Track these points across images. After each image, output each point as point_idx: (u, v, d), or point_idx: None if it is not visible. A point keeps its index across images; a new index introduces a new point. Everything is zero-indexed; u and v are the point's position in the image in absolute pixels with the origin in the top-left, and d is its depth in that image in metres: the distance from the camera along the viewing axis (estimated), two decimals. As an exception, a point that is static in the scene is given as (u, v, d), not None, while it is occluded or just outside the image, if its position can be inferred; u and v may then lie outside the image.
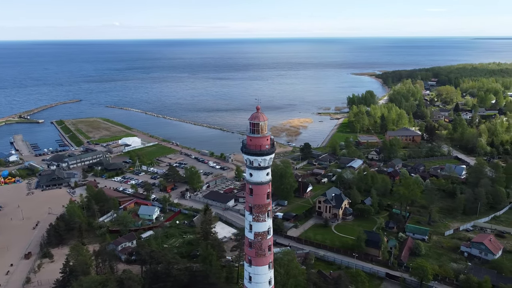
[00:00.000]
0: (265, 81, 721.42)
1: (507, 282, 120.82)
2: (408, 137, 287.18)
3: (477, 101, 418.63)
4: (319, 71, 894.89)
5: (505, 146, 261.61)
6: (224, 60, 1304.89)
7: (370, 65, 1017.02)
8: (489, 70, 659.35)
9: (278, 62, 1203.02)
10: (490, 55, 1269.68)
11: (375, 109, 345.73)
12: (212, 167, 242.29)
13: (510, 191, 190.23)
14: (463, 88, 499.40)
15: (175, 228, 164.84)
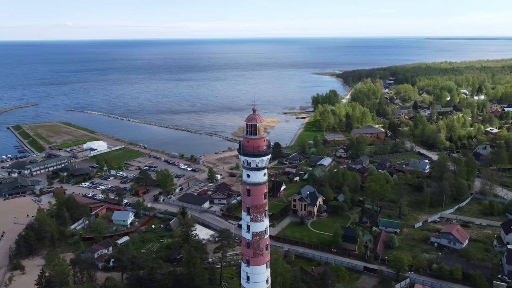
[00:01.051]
0: (228, 81, 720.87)
1: (475, 268, 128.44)
2: (373, 135, 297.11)
3: (433, 99, 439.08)
4: (281, 71, 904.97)
5: (462, 140, 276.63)
6: (185, 61, 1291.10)
7: (330, 65, 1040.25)
8: (442, 69, 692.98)
9: (240, 62, 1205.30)
10: (441, 55, 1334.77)
11: (339, 108, 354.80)
12: (183, 169, 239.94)
13: (471, 183, 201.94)
14: (419, 86, 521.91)
15: (152, 232, 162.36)
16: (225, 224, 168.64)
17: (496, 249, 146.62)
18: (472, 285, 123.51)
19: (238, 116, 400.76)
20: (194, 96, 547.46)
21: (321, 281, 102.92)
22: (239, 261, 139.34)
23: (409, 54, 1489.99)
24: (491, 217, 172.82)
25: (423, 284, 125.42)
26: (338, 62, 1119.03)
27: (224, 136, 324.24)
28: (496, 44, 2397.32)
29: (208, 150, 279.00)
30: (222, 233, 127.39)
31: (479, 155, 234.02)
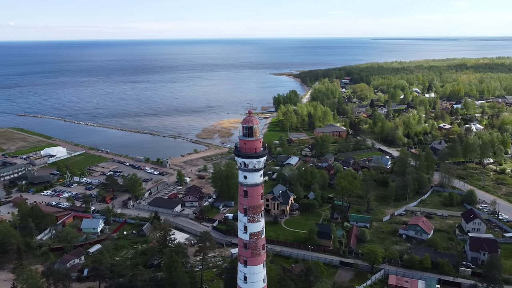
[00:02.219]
0: (186, 83, 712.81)
1: (443, 257, 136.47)
2: (335, 133, 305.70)
3: (388, 97, 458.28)
4: (239, 72, 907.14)
5: (419, 136, 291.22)
6: (140, 62, 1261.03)
7: (286, 65, 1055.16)
8: (393, 68, 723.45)
9: (196, 63, 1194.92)
10: (390, 54, 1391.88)
11: (301, 108, 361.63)
12: (150, 173, 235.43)
13: (430, 176, 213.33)
14: (374, 85, 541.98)
15: (124, 239, 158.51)
16: (199, 227, 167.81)
17: (459, 238, 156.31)
18: (440, 272, 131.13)
19: (200, 118, 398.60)
20: (153, 98, 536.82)
21: (305, 278, 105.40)
22: (217, 263, 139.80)
23: (360, 54, 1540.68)
24: (451, 207, 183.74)
25: (396, 274, 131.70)
26: (294, 63, 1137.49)
27: (189, 138, 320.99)
28: (438, 44, 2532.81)
29: (173, 153, 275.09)
30: (202, 235, 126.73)
31: (435, 150, 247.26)
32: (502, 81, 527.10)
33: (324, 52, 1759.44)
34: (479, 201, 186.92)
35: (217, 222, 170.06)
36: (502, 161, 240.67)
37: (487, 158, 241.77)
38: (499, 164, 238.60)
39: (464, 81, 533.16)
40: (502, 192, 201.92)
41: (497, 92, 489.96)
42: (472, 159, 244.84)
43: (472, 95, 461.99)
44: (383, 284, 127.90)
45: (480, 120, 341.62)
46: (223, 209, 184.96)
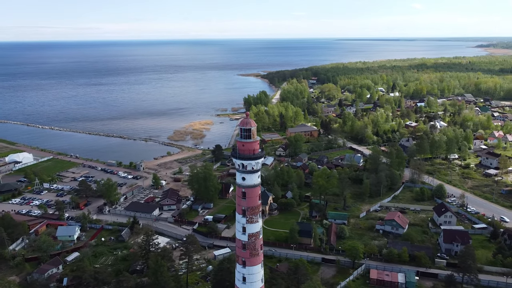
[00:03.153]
0: (153, 84, 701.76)
1: (419, 249, 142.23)
2: (307, 133, 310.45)
3: (355, 96, 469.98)
4: (206, 73, 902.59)
5: (387, 134, 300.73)
6: (102, 64, 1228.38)
7: (253, 66, 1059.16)
8: (358, 68, 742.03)
9: (162, 65, 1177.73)
10: (353, 55, 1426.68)
11: (273, 108, 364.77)
12: (124, 177, 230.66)
13: (401, 173, 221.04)
14: (341, 85, 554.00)
15: (103, 245, 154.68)
16: (179, 230, 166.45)
17: (432, 231, 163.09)
18: (418, 264, 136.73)
19: (171, 120, 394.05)
20: (120, 100, 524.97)
21: (294, 276, 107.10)
22: (201, 265, 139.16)
23: (325, 54, 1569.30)
24: (422, 202, 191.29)
25: (377, 268, 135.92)
26: (261, 63, 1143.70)
27: (160, 140, 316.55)
28: (397, 44, 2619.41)
29: (146, 156, 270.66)
30: (187, 238, 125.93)
31: (404, 147, 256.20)
32: (461, 80, 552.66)
33: (290, 53, 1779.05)
34: (448, 195, 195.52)
35: (197, 225, 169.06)
36: (466, 156, 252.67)
37: (452, 153, 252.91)
38: (464, 159, 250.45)
39: (426, 80, 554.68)
40: (468, 185, 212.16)
41: (457, 90, 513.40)
42: (438, 155, 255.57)
43: (434, 94, 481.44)
44: (365, 279, 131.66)
45: (443, 118, 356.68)
46: (202, 212, 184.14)
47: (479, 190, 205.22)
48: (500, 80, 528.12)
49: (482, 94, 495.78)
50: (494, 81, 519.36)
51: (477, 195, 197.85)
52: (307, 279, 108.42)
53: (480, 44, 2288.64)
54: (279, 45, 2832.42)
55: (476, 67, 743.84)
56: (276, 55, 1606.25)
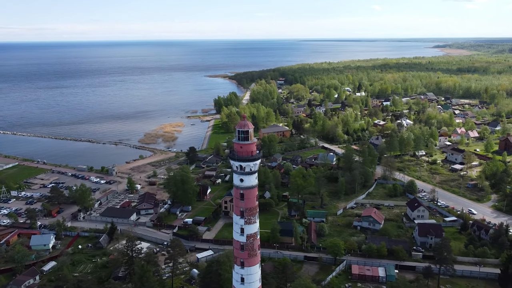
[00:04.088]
0: (118, 86, 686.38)
1: (396, 244, 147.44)
2: (279, 133, 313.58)
3: (324, 96, 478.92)
4: (173, 75, 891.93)
5: (357, 133, 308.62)
6: (63, 66, 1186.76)
7: (220, 67, 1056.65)
8: (324, 69, 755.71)
9: (126, 66, 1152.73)
10: (317, 55, 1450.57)
11: (244, 109, 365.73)
12: (96, 182, 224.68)
13: (373, 170, 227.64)
14: (309, 85, 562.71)
15: (80, 253, 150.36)
16: (159, 234, 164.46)
17: (407, 225, 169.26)
18: (396, 258, 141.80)
19: (141, 123, 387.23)
20: (85, 104, 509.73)
21: (282, 275, 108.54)
22: (184, 269, 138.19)
23: (289, 55, 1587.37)
24: (395, 198, 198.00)
25: (357, 264, 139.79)
26: (228, 64, 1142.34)
27: (131, 144, 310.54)
28: (359, 45, 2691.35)
29: (117, 160, 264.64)
30: (172, 242, 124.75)
31: (374, 146, 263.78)
32: (422, 79, 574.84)
33: (255, 54, 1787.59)
34: (419, 190, 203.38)
35: (177, 228, 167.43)
36: (433, 153, 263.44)
37: (420, 150, 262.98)
38: (431, 156, 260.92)
39: (390, 80, 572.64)
40: (436, 180, 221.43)
41: (419, 89, 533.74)
42: (407, 152, 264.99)
43: (398, 93, 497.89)
44: (347, 274, 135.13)
45: (408, 116, 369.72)
46: (180, 215, 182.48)
47: (446, 184, 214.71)
48: (458, 79, 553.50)
49: (442, 92, 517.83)
50: (453, 80, 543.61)
51: (446, 190, 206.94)
52: (295, 278, 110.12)
53: (437, 44, 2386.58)
54: (243, 46, 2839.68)
55: (435, 67, 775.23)
56: (242, 56, 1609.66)
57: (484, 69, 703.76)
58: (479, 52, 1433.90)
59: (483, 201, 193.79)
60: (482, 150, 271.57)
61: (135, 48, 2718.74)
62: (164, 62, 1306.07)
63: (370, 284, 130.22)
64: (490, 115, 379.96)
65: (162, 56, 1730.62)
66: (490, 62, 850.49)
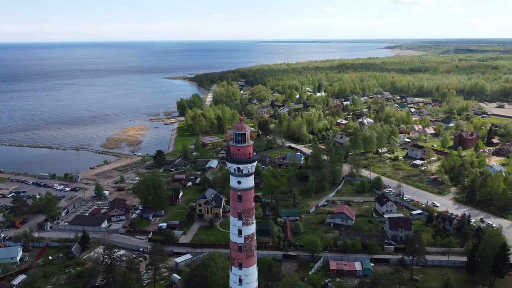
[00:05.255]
0: (73, 89, 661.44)
1: (370, 238, 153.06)
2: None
3: (286, 97, 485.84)
4: (130, 77, 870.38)
5: (322, 132, 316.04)
6: (11, 69, 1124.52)
7: (179, 69, 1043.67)
8: (283, 70, 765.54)
9: (80, 69, 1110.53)
10: (275, 56, 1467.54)
11: (209, 111, 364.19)
12: (61, 190, 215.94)
13: (340, 168, 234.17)
14: (270, 86, 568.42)
15: (51, 264, 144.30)
16: (133, 241, 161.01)
17: (377, 220, 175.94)
18: (369, 252, 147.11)
19: (101, 127, 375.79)
20: (40, 108, 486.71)
21: (269, 274, 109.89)
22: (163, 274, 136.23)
23: (248, 56, 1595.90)
24: (363, 194, 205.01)
25: (334, 259, 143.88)
26: (186, 66, 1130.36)
27: (93, 149, 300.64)
28: (314, 46, 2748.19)
29: (80, 166, 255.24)
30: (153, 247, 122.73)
31: (340, 144, 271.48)
32: (378, 79, 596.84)
33: (213, 55, 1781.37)
34: (385, 186, 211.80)
35: (151, 234, 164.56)
36: (395, 150, 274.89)
37: (383, 148, 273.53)
38: (392, 152, 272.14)
39: (348, 80, 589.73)
40: (400, 176, 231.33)
41: (376, 89, 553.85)
42: (370, 149, 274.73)
43: (357, 93, 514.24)
44: (326, 270, 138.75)
45: (368, 115, 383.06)
46: (154, 220, 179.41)
47: (409, 179, 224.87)
48: (412, 79, 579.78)
49: (397, 91, 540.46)
50: (407, 79, 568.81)
51: (409, 184, 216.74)
52: (281, 276, 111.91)
53: (388, 45, 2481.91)
54: (201, 47, 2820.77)
55: (389, 67, 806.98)
56: (200, 58, 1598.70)
57: (433, 69, 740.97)
58: (427, 52, 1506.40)
59: (444, 194, 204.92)
60: (439, 145, 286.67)
61: (88, 50, 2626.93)
62: (119, 64, 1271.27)
63: (348, 278, 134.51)
64: (443, 113, 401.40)
65: (117, 58, 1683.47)
66: (439, 62, 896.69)
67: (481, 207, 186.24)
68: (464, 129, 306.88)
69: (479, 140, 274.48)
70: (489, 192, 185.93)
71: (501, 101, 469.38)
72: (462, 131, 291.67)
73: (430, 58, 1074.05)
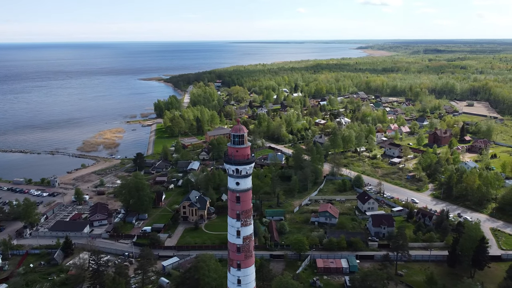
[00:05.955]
0: (44, 92, 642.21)
1: (354, 236, 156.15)
2: (226, 135, 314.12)
3: (263, 97, 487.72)
4: (103, 78, 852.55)
5: (301, 132, 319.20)
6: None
7: (153, 70, 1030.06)
8: (259, 70, 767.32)
9: (51, 70, 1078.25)
10: (249, 57, 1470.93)
11: (187, 112, 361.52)
12: (38, 195, 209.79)
13: (321, 167, 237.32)
14: (247, 87, 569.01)
15: (33, 272, 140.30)
16: (118, 245, 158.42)
17: (360, 217, 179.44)
18: (354, 249, 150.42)
19: (77, 130, 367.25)
20: (10, 112, 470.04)
21: (259, 274, 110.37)
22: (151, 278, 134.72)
23: (222, 57, 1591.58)
24: (345, 192, 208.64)
25: (321, 257, 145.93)
26: (160, 67, 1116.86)
27: (70, 153, 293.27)
28: (288, 47, 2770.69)
29: (57, 171, 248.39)
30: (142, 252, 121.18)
31: (320, 144, 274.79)
32: (353, 79, 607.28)
33: (187, 56, 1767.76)
34: (365, 184, 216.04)
35: (136, 238, 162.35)
36: (373, 148, 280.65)
37: (361, 146, 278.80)
38: (370, 151, 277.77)
39: (323, 80, 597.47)
40: (379, 174, 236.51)
41: (351, 89, 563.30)
42: (349, 148, 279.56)
43: (333, 93, 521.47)
44: (313, 268, 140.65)
45: (345, 114, 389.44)
46: (137, 223, 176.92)
47: (388, 177, 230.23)
48: (385, 79, 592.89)
49: (372, 91, 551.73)
50: (380, 79, 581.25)
51: (388, 182, 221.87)
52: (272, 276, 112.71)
53: (360, 46, 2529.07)
54: (173, 48, 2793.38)
55: (362, 67, 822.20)
56: (173, 59, 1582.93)
57: (405, 69, 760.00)
58: (397, 53, 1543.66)
59: (422, 190, 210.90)
60: (414, 143, 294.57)
61: (58, 51, 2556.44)
62: (92, 65, 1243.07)
63: (335, 276, 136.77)
64: (417, 111, 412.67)
65: (88, 59, 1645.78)
66: (410, 62, 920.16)
67: (458, 203, 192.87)
68: (438, 127, 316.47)
69: (452, 138, 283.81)
70: (465, 188, 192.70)
71: (471, 100, 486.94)
72: (436, 129, 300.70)
73: (402, 58, 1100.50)
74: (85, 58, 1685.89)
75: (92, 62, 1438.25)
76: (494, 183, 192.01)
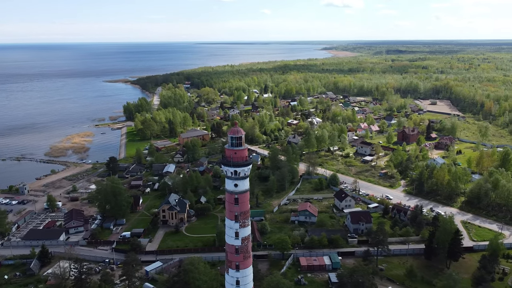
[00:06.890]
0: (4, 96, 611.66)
1: (335, 233, 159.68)
2: (199, 137, 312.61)
3: (234, 99, 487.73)
4: (67, 81, 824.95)
5: (274, 133, 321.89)
6: None
7: (118, 71, 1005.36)
8: (228, 71, 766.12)
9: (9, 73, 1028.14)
10: (216, 58, 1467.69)
11: (159, 115, 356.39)
12: (7, 203, 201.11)
13: (297, 167, 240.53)
14: (217, 88, 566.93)
15: (8, 284, 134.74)
16: (97, 252, 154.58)
17: (338, 215, 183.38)
18: (335, 246, 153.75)
19: (43, 135, 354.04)
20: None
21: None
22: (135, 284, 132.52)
23: (188, 58, 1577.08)
24: (322, 191, 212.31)
25: (304, 256, 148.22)
26: (125, 69, 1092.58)
27: (37, 158, 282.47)
28: (253, 48, 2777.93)
29: (25, 177, 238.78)
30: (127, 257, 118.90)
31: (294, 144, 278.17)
32: (321, 80, 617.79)
33: (152, 57, 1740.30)
34: (341, 182, 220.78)
35: (115, 244, 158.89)
36: (345, 147, 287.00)
37: (334, 146, 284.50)
38: (343, 150, 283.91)
39: (292, 81, 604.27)
40: (353, 172, 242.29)
41: (319, 89, 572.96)
42: (322, 148, 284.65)
43: (302, 93, 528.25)
44: (297, 267, 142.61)
45: (316, 114, 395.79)
46: (115, 229, 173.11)
47: (362, 175, 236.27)
48: (352, 79, 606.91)
49: (340, 91, 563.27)
50: (348, 79, 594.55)
51: (362, 180, 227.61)
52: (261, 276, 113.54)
53: (325, 47, 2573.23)
54: (138, 49, 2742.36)
55: (329, 67, 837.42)
56: (139, 60, 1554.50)
57: (370, 69, 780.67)
58: (361, 53, 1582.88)
59: (395, 187, 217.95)
60: (384, 142, 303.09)
61: (14, 52, 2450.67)
62: (53, 68, 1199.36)
63: (319, 273, 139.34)
64: (384, 110, 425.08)
65: (48, 60, 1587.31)
66: (374, 62, 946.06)
67: (429, 198, 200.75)
68: (406, 125, 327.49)
69: (420, 136, 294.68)
70: (436, 183, 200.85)
71: (434, 99, 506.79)
72: (404, 128, 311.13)
73: (366, 59, 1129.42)
74: (45, 60, 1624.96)
75: (53, 64, 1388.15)
76: (462, 178, 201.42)
